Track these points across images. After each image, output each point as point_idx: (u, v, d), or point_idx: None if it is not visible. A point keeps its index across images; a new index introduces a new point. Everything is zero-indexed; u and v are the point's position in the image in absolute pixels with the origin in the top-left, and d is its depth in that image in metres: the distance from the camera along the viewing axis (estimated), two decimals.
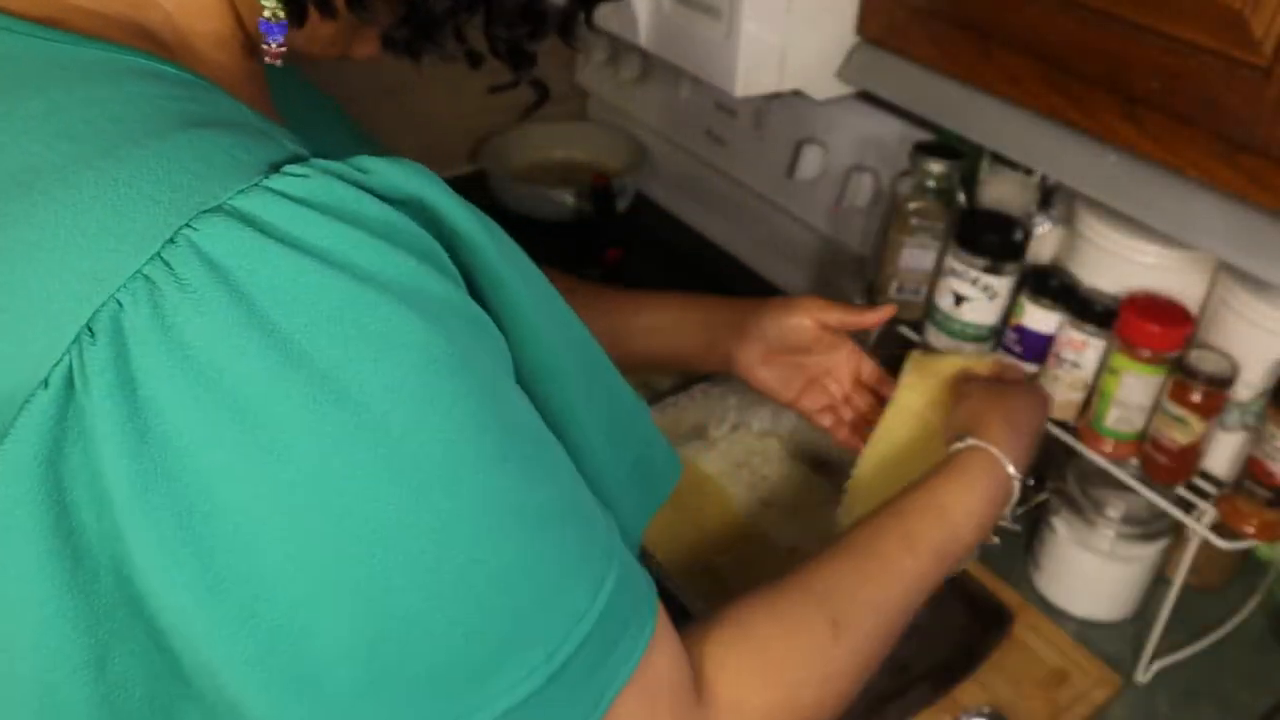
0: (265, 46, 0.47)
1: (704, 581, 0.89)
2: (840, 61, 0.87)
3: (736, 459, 1.02)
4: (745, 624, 0.50)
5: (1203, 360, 0.81)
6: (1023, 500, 1.05)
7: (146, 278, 0.34)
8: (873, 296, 1.01)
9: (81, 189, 0.35)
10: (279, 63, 0.48)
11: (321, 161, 0.38)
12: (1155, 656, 0.89)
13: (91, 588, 0.36)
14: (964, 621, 0.92)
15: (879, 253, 1.00)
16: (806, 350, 0.86)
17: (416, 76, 0.55)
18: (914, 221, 0.94)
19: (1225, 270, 0.82)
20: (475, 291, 0.42)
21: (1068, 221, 0.91)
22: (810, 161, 1.22)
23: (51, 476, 0.35)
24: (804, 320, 0.85)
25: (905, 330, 1.01)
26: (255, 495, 0.35)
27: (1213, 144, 0.65)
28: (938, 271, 0.95)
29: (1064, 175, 0.76)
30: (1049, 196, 0.92)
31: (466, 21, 0.49)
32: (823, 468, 1.00)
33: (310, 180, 0.37)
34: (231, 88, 0.45)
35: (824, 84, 0.89)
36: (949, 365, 0.84)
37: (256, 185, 0.36)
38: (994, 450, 0.66)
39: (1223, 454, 0.85)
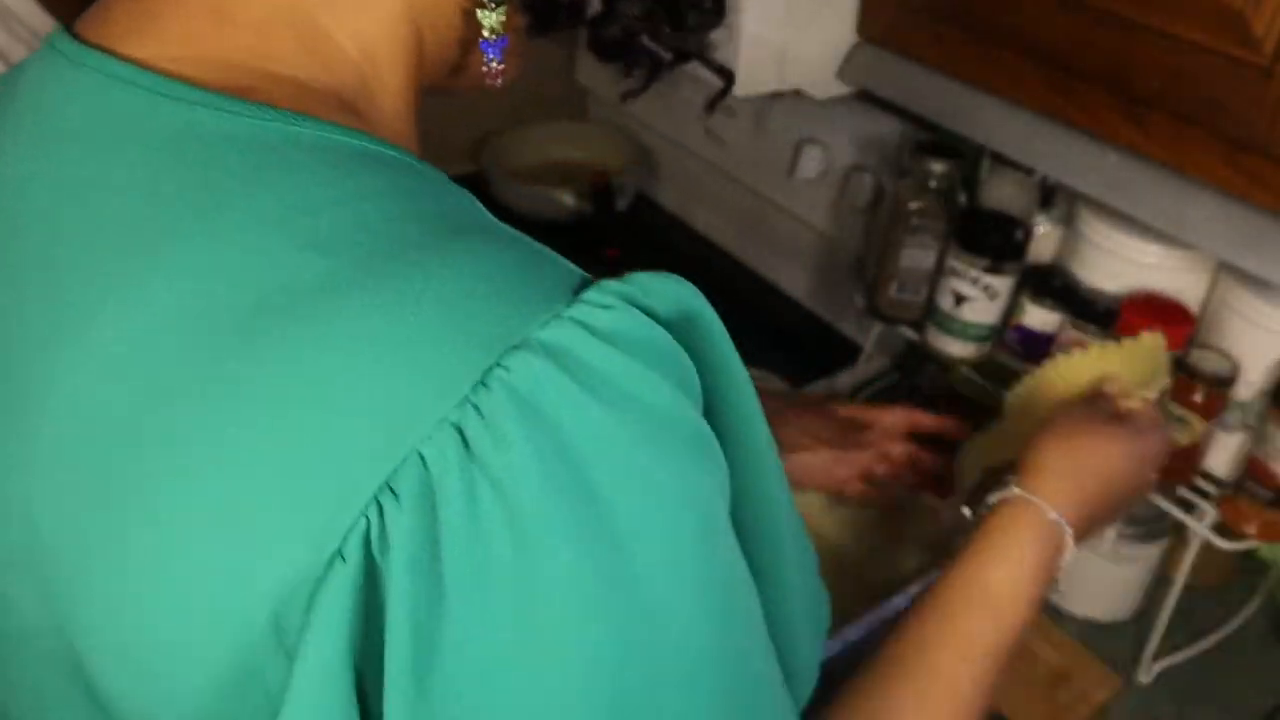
0: (486, 68, 0.43)
1: None
2: (840, 61, 0.87)
3: None
4: None
5: (1204, 360, 0.81)
6: None
7: (456, 428, 0.29)
8: (873, 296, 1.01)
9: (357, 317, 0.30)
10: (499, 83, 0.44)
11: (613, 285, 0.33)
12: (1156, 657, 0.89)
13: None
14: None
15: (879, 253, 1.00)
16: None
17: None
18: (914, 221, 0.94)
19: (1226, 270, 0.82)
20: (711, 409, 0.38)
21: (1068, 221, 0.91)
22: (810, 161, 1.22)
23: (351, 663, 0.30)
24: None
25: (905, 330, 1.01)
26: (536, 689, 0.31)
27: (1213, 143, 0.64)
28: (938, 271, 0.95)
29: (1064, 175, 0.76)
30: (1049, 196, 0.92)
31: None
32: None
33: (615, 311, 0.32)
34: (407, 145, 0.40)
35: (824, 84, 0.89)
36: (1095, 365, 0.71)
37: (561, 317, 0.31)
38: (1039, 502, 0.56)
39: (1224, 454, 0.84)
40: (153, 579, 0.32)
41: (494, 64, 0.43)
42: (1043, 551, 0.55)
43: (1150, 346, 0.71)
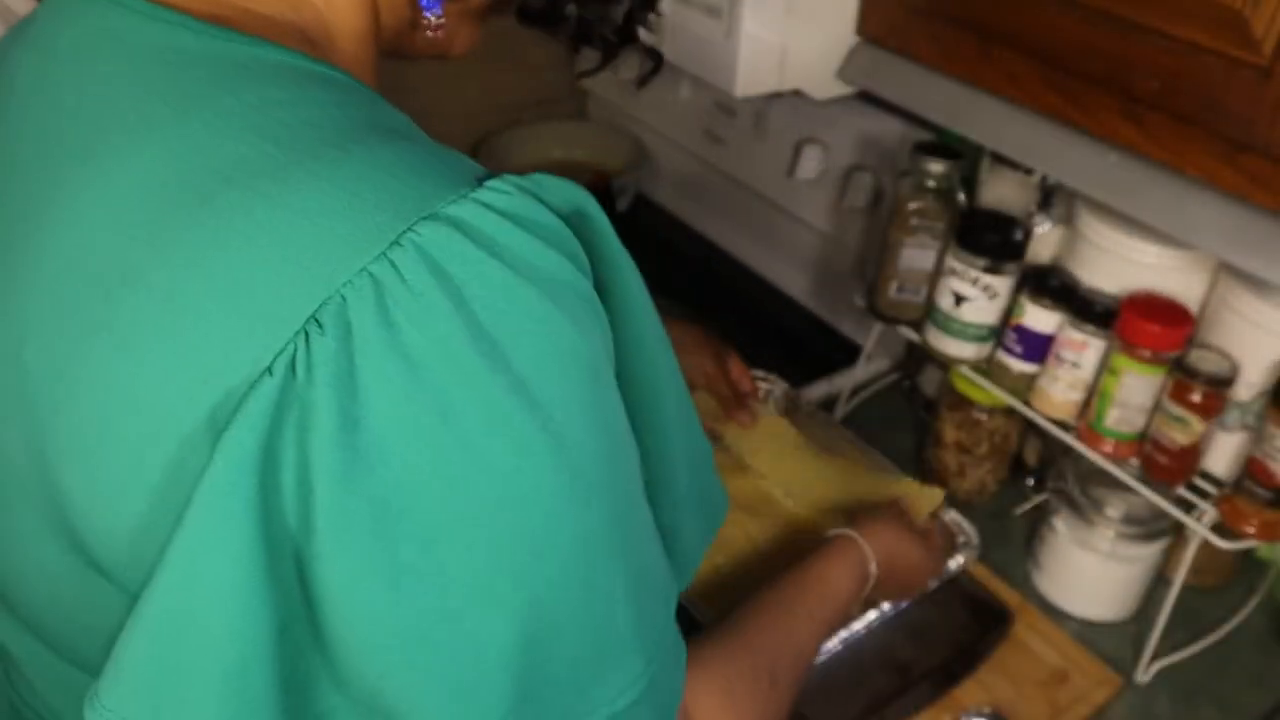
0: (425, 20, 0.50)
1: (708, 583, 0.89)
2: (840, 61, 0.87)
3: (735, 457, 1.01)
4: (711, 669, 0.56)
5: (1203, 360, 0.81)
6: (1023, 500, 1.06)
7: (372, 276, 0.35)
8: (873, 296, 1.01)
9: (299, 188, 0.37)
10: (439, 34, 0.52)
11: (513, 178, 0.40)
12: (1155, 656, 0.89)
13: (279, 571, 0.37)
14: (964, 621, 0.92)
15: (879, 253, 1.00)
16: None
17: (416, 77, 0.56)
18: (914, 221, 0.94)
19: (1225, 270, 0.82)
20: (601, 299, 0.43)
21: (1068, 221, 0.91)
22: (810, 161, 1.22)
23: (265, 463, 0.36)
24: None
25: (906, 330, 1.01)
26: (448, 496, 0.37)
27: (1213, 144, 0.65)
28: (938, 271, 0.95)
29: (1064, 175, 0.76)
30: (1049, 196, 0.92)
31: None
32: None
33: (513, 196, 0.39)
34: (365, 83, 0.47)
35: (824, 84, 0.89)
36: (899, 488, 0.92)
37: (465, 197, 0.38)
38: (869, 552, 0.77)
39: (1223, 454, 0.84)
40: (116, 383, 0.38)
41: (432, 18, 0.49)
42: (861, 580, 0.75)
43: (929, 497, 0.90)
